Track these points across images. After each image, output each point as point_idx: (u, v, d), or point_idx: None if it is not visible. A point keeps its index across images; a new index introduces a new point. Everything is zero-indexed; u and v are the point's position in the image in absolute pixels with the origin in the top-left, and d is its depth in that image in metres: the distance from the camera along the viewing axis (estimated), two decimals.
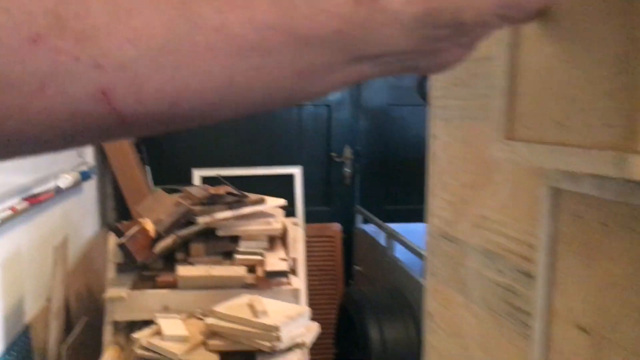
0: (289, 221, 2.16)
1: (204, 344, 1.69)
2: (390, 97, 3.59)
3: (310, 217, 3.43)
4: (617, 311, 0.43)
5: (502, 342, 0.63)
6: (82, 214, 2.75)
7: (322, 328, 2.85)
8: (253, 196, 2.13)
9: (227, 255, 2.02)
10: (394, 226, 2.77)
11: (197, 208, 1.97)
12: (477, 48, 0.34)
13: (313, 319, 1.81)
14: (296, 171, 3.49)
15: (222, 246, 2.03)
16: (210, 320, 1.71)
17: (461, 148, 0.72)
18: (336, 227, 3.51)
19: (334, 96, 3.50)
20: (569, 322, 0.49)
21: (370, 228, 3.19)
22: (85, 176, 2.53)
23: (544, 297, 0.51)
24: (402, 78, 3.53)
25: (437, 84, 0.79)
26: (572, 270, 0.48)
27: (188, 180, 3.19)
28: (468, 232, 0.70)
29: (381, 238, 2.91)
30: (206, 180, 3.17)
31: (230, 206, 2.01)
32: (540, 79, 0.44)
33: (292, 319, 1.66)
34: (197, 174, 3.29)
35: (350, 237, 3.51)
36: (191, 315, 1.84)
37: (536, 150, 0.43)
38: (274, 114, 3.49)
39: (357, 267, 3.32)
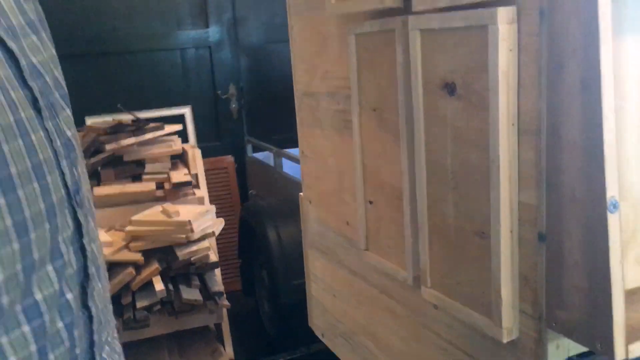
0: (186, 145, 2.45)
1: (127, 247, 1.98)
2: (266, 35, 3.89)
3: (204, 153, 3.71)
4: (386, 91, 0.82)
5: (344, 146, 1.01)
6: None
7: (224, 250, 3.23)
8: (152, 123, 2.39)
9: (136, 179, 2.29)
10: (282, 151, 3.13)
11: (103, 137, 2.21)
12: None
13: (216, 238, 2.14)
14: (186, 111, 3.73)
15: (130, 170, 2.29)
16: (129, 228, 1.99)
17: (308, 29, 1.08)
18: (229, 159, 3.83)
19: (213, 37, 3.75)
20: (367, 107, 0.87)
21: (260, 155, 3.54)
22: None
23: (356, 96, 0.89)
24: (274, 17, 3.85)
25: None
26: (367, 77, 0.86)
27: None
28: (319, 84, 1.07)
29: (270, 160, 3.27)
30: None
31: (133, 133, 2.27)
32: None
33: (200, 215, 1.99)
34: (90, 122, 3.45)
35: (242, 166, 3.84)
36: (111, 228, 2.12)
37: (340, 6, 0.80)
38: (158, 59, 3.68)
39: (251, 192, 3.68)
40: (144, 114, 3.64)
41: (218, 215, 3.70)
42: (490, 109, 0.62)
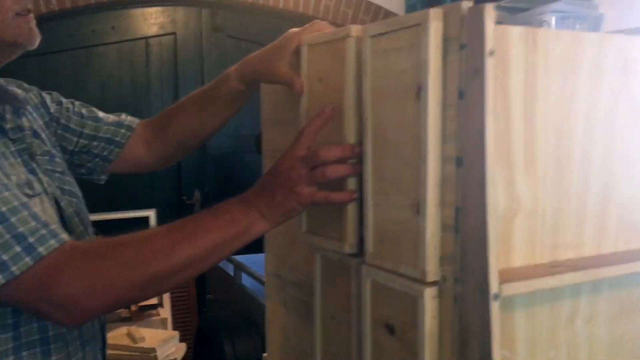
0: None
1: None
2: (233, 145, 4.14)
3: None
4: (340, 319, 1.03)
5: (305, 329, 1.20)
6: None
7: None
8: None
9: None
10: (241, 257, 3.30)
11: None
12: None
13: None
14: (151, 214, 3.89)
15: None
16: None
17: None
18: None
19: None
20: (326, 315, 1.07)
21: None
22: None
23: (318, 304, 1.09)
24: (241, 128, 4.11)
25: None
26: (325, 291, 1.07)
27: None
28: (287, 271, 1.28)
29: (230, 269, 3.43)
30: None
31: None
32: None
33: (165, 342, 2.13)
34: None
35: None
36: None
37: (313, 239, 1.02)
38: None
39: (209, 296, 3.80)
40: (110, 216, 3.78)
41: (175, 316, 3.80)
42: (418, 356, 0.83)
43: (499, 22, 0.75)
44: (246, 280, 3.17)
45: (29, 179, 0.96)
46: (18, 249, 0.78)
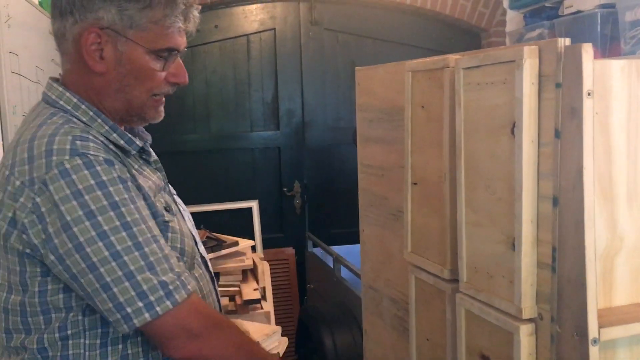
0: (256, 256, 2.72)
1: None
2: (330, 138, 4.19)
3: (267, 243, 3.99)
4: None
5: (400, 344, 1.23)
6: None
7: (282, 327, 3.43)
8: (228, 239, 2.68)
9: None
10: (340, 248, 3.37)
11: None
12: None
13: None
14: (253, 205, 4.04)
15: None
16: None
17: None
18: (290, 251, 4.09)
19: (283, 139, 4.08)
20: (422, 335, 1.09)
21: (319, 251, 3.78)
22: None
23: (413, 323, 1.11)
24: (338, 121, 4.16)
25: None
26: (420, 311, 1.09)
27: None
28: (383, 286, 1.30)
29: (329, 260, 3.51)
30: None
31: (212, 249, 2.56)
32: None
33: (268, 336, 2.23)
34: None
35: (302, 259, 4.09)
36: None
37: (417, 260, 1.04)
38: (232, 157, 4.03)
39: (310, 285, 3.91)
40: (216, 207, 3.97)
41: (277, 303, 3.94)
42: None
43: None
44: (345, 273, 3.24)
45: (167, 202, 1.10)
46: (162, 293, 0.93)
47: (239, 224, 3.80)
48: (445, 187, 0.97)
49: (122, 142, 1.02)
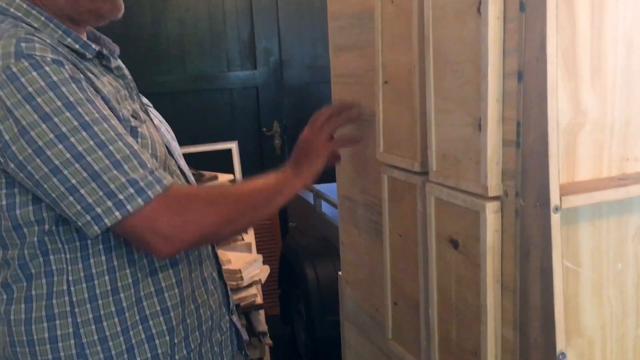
0: None
1: None
2: (308, 77, 4.16)
3: None
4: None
5: (375, 248, 1.25)
6: None
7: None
8: (208, 174, 2.68)
9: None
10: (321, 186, 3.39)
11: None
12: None
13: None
14: (233, 146, 4.02)
15: None
16: None
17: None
18: None
19: (260, 78, 4.04)
20: (394, 233, 1.11)
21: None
22: None
23: (386, 223, 1.13)
24: (316, 59, 4.12)
25: None
26: (394, 208, 1.11)
27: None
28: (357, 193, 1.32)
29: (310, 198, 3.53)
30: None
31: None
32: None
33: (249, 264, 2.26)
34: None
35: None
36: None
37: (388, 158, 1.05)
38: (209, 98, 3.99)
39: (291, 224, 3.94)
40: (194, 149, 3.95)
41: (260, 242, 3.99)
42: (481, 269, 0.86)
43: None
44: (325, 208, 3.27)
45: (134, 108, 1.07)
46: (132, 190, 0.90)
47: (219, 166, 3.78)
48: (414, 80, 0.98)
49: (76, 46, 0.99)
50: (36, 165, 0.88)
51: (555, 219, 0.76)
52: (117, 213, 0.90)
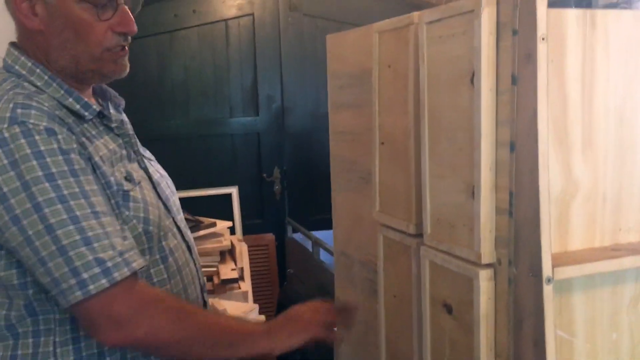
0: (234, 238, 2.73)
1: None
2: (310, 124, 4.20)
3: (247, 229, 4.00)
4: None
5: (370, 305, 1.25)
6: None
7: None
8: (206, 220, 2.68)
9: None
10: (319, 233, 3.38)
11: None
12: None
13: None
14: (233, 191, 4.04)
15: None
16: None
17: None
18: (270, 237, 4.10)
19: (262, 125, 4.09)
20: (389, 293, 1.11)
21: (299, 236, 3.80)
22: None
23: (382, 282, 1.13)
24: (318, 107, 4.17)
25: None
26: (389, 270, 1.11)
27: None
28: (354, 250, 1.32)
29: (308, 245, 3.52)
30: None
31: (190, 230, 2.55)
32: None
33: (245, 314, 2.24)
34: None
35: (282, 245, 4.10)
36: None
37: (384, 218, 1.06)
38: (211, 143, 4.03)
39: (289, 270, 3.92)
40: (195, 193, 3.97)
41: (257, 288, 3.96)
42: (474, 335, 0.85)
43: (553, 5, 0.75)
44: (324, 256, 3.25)
45: (129, 170, 1.05)
46: (97, 270, 0.87)
47: (219, 210, 3.79)
48: (410, 143, 0.99)
49: (77, 106, 0.99)
50: (13, 233, 0.88)
51: (547, 289, 0.76)
52: (78, 292, 0.87)
